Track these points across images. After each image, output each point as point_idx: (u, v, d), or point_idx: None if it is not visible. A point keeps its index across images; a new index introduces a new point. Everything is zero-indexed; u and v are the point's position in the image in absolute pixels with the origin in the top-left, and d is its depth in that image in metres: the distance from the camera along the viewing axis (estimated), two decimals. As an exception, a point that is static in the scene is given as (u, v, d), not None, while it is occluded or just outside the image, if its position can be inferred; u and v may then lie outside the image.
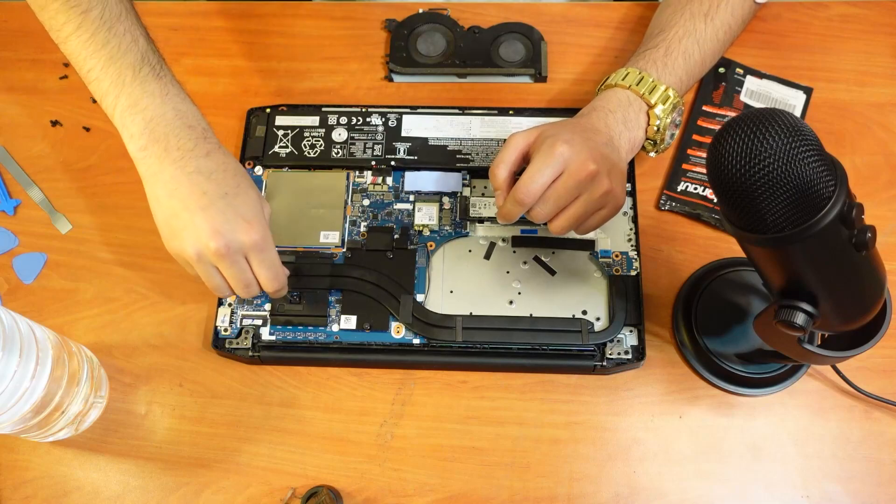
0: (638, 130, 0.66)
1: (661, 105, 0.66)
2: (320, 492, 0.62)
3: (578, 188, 0.60)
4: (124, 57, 0.60)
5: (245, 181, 0.61)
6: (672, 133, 0.68)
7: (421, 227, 0.72)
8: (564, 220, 0.61)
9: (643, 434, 0.66)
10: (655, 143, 0.67)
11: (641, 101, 0.66)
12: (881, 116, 0.77)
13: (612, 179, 0.61)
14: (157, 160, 0.59)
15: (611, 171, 0.61)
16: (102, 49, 0.60)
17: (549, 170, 0.59)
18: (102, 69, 0.60)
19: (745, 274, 0.69)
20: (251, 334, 0.68)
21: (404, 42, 0.81)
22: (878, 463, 0.64)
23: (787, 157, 0.43)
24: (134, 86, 0.60)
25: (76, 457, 0.66)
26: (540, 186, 0.59)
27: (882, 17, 0.82)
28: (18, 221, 0.75)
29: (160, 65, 0.62)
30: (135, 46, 0.61)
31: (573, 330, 0.67)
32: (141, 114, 0.60)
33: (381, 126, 0.76)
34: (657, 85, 0.66)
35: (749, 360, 0.66)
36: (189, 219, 0.58)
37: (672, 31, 0.69)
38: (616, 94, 0.67)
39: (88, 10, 0.60)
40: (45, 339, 0.59)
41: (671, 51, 0.68)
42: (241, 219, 0.59)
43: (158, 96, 0.61)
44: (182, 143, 0.59)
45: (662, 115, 0.66)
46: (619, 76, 0.67)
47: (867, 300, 0.53)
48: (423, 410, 0.67)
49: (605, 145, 0.62)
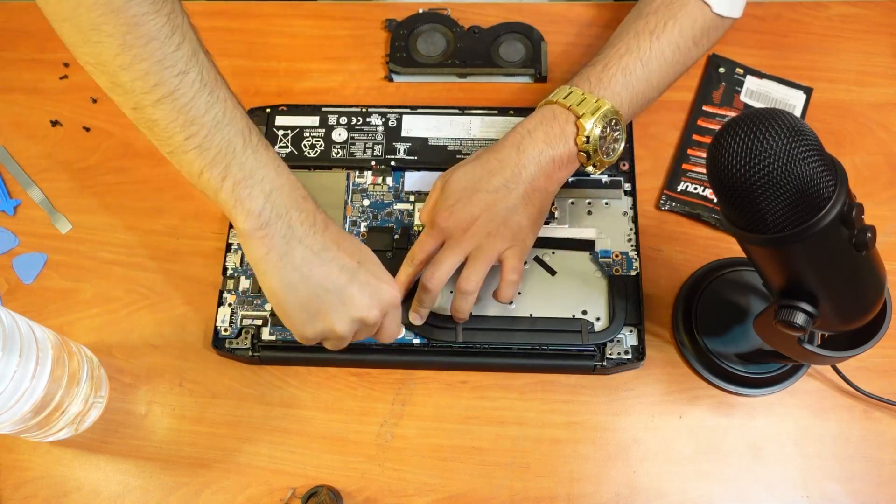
0: (563, 145, 0.63)
1: (590, 116, 0.63)
2: (320, 492, 0.62)
3: (460, 247, 0.63)
4: (231, 124, 0.54)
5: (358, 242, 0.62)
6: (612, 147, 0.65)
7: (421, 227, 0.72)
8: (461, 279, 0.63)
9: (643, 434, 0.66)
10: (589, 156, 0.64)
11: (568, 113, 0.64)
12: (881, 116, 0.77)
13: (509, 219, 0.63)
14: (284, 240, 0.56)
15: (506, 213, 0.62)
16: (206, 115, 0.53)
17: (431, 240, 0.64)
18: (207, 137, 0.54)
19: (745, 274, 0.69)
20: (251, 334, 0.68)
21: (404, 42, 0.81)
22: (878, 463, 0.64)
23: (787, 157, 0.44)
24: (246, 155, 0.55)
25: (76, 457, 0.66)
26: (425, 255, 0.64)
27: (882, 17, 0.82)
28: (18, 221, 0.75)
29: (260, 133, 0.57)
30: (238, 112, 0.55)
31: (573, 330, 0.67)
32: (258, 186, 0.55)
33: (381, 126, 0.76)
34: (587, 97, 0.64)
35: (749, 360, 0.66)
36: (337, 300, 0.58)
37: (613, 49, 0.67)
38: (543, 111, 0.65)
39: (186, 71, 0.52)
40: (45, 339, 0.59)
41: (609, 67, 0.66)
42: (381, 283, 0.61)
43: (272, 167, 0.56)
44: (304, 218, 0.57)
45: (591, 125, 0.62)
46: (553, 94, 0.66)
47: (867, 300, 0.53)
48: (423, 410, 0.67)
49: (499, 189, 0.62)
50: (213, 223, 0.74)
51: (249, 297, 0.70)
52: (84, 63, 0.54)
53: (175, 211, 0.75)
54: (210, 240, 0.73)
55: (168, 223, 0.74)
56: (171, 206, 0.75)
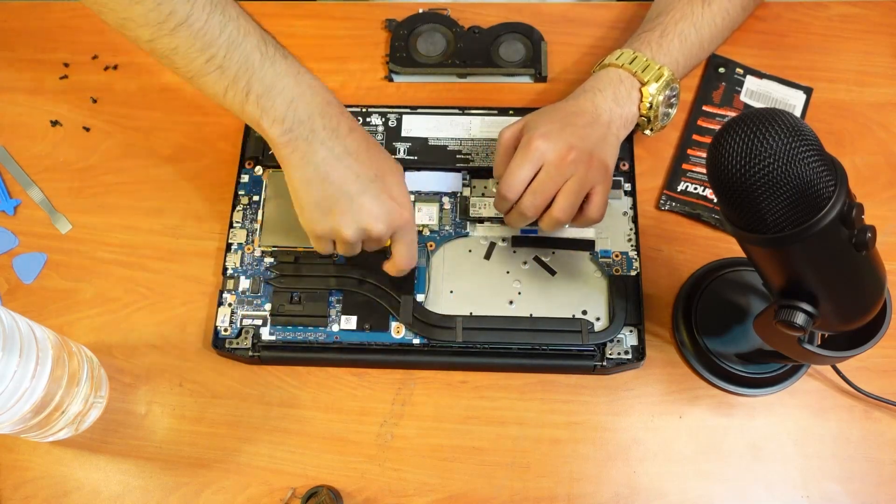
0: (630, 107, 0.67)
1: (654, 83, 0.67)
2: (320, 492, 0.62)
3: (561, 176, 0.62)
4: (246, 40, 0.56)
5: (385, 155, 0.63)
6: (667, 112, 0.70)
7: (421, 227, 0.72)
8: (557, 210, 0.62)
9: (643, 434, 0.66)
10: (650, 121, 0.69)
11: (633, 79, 0.67)
12: (881, 116, 0.77)
13: (597, 155, 0.63)
14: (306, 143, 0.58)
15: (594, 149, 0.63)
16: (220, 35, 0.55)
17: (529, 165, 0.62)
18: (226, 56, 0.56)
19: (745, 274, 0.69)
20: (251, 334, 0.68)
21: (404, 42, 0.81)
22: (878, 463, 0.64)
23: (788, 157, 0.44)
24: (265, 69, 0.57)
25: (76, 457, 0.66)
26: (521, 182, 0.62)
27: (882, 17, 0.82)
28: (18, 221, 0.75)
29: (276, 42, 0.59)
30: (251, 27, 0.57)
31: (573, 330, 0.67)
32: (280, 96, 0.57)
33: (382, 126, 0.76)
34: (650, 63, 0.67)
35: (749, 360, 0.66)
36: (347, 204, 0.59)
37: (669, 15, 0.71)
38: (608, 73, 0.68)
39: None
40: (45, 339, 0.59)
41: (667, 33, 0.70)
42: (394, 202, 0.60)
43: (292, 76, 0.58)
44: (327, 122, 0.58)
45: (655, 92, 0.67)
46: (614, 56, 0.69)
47: (867, 300, 0.53)
48: (423, 410, 0.67)
49: (587, 126, 0.64)
50: (213, 223, 0.74)
51: (249, 297, 0.70)
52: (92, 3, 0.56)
53: (175, 211, 0.75)
54: (210, 240, 0.73)
55: (168, 223, 0.74)
56: (171, 206, 0.75)
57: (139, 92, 0.81)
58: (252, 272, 0.70)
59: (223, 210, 0.74)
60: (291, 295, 0.69)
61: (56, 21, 0.84)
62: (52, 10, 0.85)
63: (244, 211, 0.73)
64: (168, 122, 0.79)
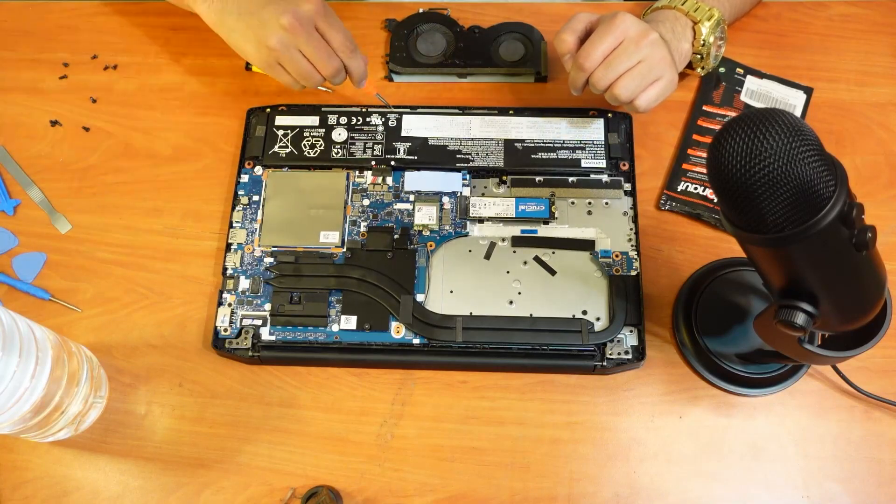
0: (685, 42, 0.72)
1: (706, 21, 0.72)
2: (320, 492, 0.62)
3: (638, 54, 0.65)
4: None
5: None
6: (717, 53, 0.74)
7: (421, 227, 0.72)
8: (629, 80, 0.65)
9: (643, 434, 0.66)
10: (702, 58, 0.74)
11: (687, 18, 0.73)
12: (881, 116, 0.77)
13: (670, 54, 0.67)
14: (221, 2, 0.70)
15: (668, 48, 0.68)
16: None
17: (611, 37, 0.65)
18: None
19: (745, 274, 0.69)
20: (251, 334, 0.68)
21: (404, 42, 0.81)
22: (878, 463, 0.64)
23: (788, 156, 0.43)
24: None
25: (76, 457, 0.66)
26: (601, 53, 0.65)
27: (882, 17, 0.82)
28: (18, 221, 0.75)
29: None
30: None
31: (573, 330, 0.67)
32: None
33: (381, 126, 0.76)
34: (700, 5, 0.72)
35: (749, 360, 0.66)
36: (258, 20, 0.67)
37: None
38: (663, 12, 0.73)
39: None
40: (44, 339, 0.59)
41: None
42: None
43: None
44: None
45: (707, 31, 0.72)
46: (664, 0, 0.74)
47: (867, 300, 0.53)
48: (423, 410, 0.67)
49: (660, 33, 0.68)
50: (213, 223, 0.74)
51: (249, 297, 0.70)
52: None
53: (175, 211, 0.75)
54: (210, 240, 0.73)
55: (168, 223, 0.74)
56: (171, 206, 0.75)
57: (139, 92, 0.81)
58: (252, 272, 0.70)
59: (223, 210, 0.74)
60: (291, 295, 0.69)
61: (56, 21, 0.84)
62: (52, 10, 0.85)
63: (244, 211, 0.73)
64: (168, 122, 0.79)
